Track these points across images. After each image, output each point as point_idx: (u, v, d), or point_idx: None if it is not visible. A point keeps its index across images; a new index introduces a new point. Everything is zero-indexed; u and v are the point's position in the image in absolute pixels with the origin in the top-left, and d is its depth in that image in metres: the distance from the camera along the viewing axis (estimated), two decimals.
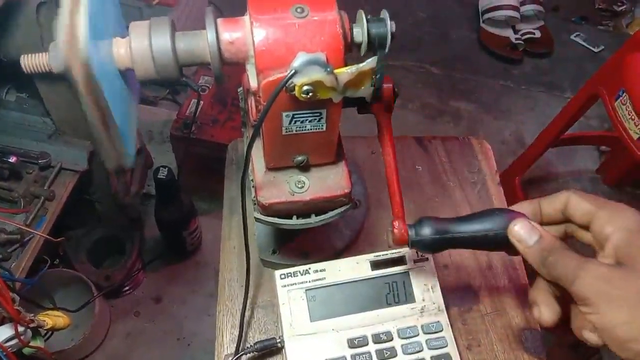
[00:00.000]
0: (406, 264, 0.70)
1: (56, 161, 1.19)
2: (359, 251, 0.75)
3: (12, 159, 1.09)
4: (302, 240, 0.74)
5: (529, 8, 2.31)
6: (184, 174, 1.52)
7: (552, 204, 0.54)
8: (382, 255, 0.70)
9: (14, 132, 1.21)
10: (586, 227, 0.51)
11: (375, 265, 0.70)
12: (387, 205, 0.76)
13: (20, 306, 0.90)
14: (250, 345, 0.67)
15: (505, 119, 2.22)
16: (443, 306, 0.69)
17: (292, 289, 0.68)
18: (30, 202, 1.15)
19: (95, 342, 1.48)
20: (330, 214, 0.62)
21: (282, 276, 0.68)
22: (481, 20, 2.38)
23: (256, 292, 0.73)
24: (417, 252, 0.71)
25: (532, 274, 0.53)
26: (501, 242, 0.56)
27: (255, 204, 0.62)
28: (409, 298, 0.69)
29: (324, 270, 0.69)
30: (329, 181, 0.61)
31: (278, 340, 0.67)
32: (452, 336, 0.68)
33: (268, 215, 0.61)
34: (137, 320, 1.57)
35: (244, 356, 0.67)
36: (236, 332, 0.68)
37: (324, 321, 0.67)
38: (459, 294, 0.74)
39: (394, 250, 0.70)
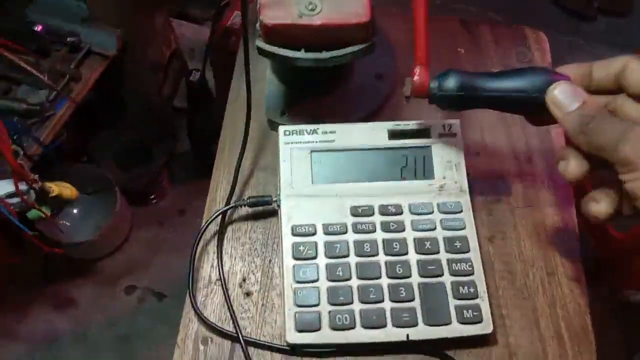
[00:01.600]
0: (430, 137, 0.61)
1: (85, 43, 1.16)
2: None
3: (38, 28, 1.05)
4: (315, 103, 0.66)
5: None
6: (221, 89, 1.46)
7: (606, 69, 0.48)
8: (404, 124, 0.62)
9: (46, 11, 1.17)
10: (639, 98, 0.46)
11: (394, 134, 0.61)
12: None
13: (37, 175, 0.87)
14: (243, 199, 0.60)
15: None
16: (466, 187, 0.60)
17: (296, 147, 0.60)
18: (56, 80, 1.11)
19: (114, 242, 1.46)
20: (344, 50, 0.53)
21: (287, 132, 0.61)
22: None
23: (259, 153, 0.66)
24: (444, 126, 0.62)
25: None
26: (534, 105, 0.48)
27: (259, 31, 0.54)
28: (427, 174, 0.61)
29: (334, 132, 0.61)
30: (344, 6, 0.52)
31: (274, 199, 0.60)
32: (473, 221, 0.59)
33: (272, 44, 0.53)
34: (159, 230, 1.55)
35: (235, 211, 0.60)
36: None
37: (327, 185, 0.60)
38: (487, 184, 0.65)
39: (417, 121, 0.62)
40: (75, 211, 1.45)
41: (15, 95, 1.08)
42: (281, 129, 0.61)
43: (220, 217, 0.60)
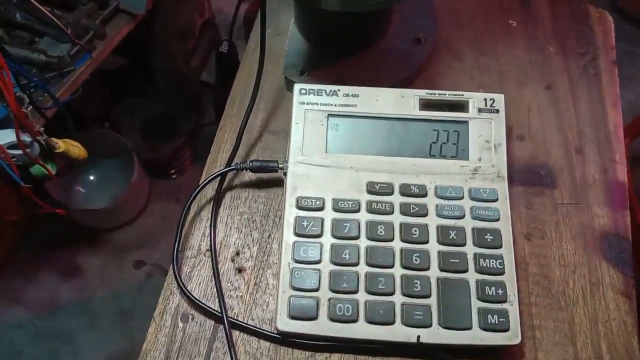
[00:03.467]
0: (468, 112, 0.53)
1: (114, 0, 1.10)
2: None
3: None
4: (340, 65, 0.59)
5: None
6: None
7: None
8: (439, 93, 0.53)
9: None
10: None
11: (426, 104, 0.53)
12: (458, 53, 0.59)
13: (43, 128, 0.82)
14: (246, 162, 0.53)
15: (622, 87, 1.91)
16: (505, 173, 0.51)
17: (312, 109, 0.53)
18: (79, 36, 1.06)
19: (128, 213, 1.42)
20: None
21: (303, 91, 0.53)
22: None
23: (271, 115, 0.58)
24: (485, 100, 0.53)
25: None
26: None
27: None
28: (460, 153, 0.52)
29: (356, 95, 0.53)
30: None
31: (280, 165, 0.52)
32: (509, 213, 0.50)
33: None
34: (176, 206, 1.50)
35: (237, 175, 0.53)
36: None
37: (343, 155, 0.52)
38: (529, 173, 0.56)
39: (455, 92, 0.53)
40: (91, 178, 1.41)
41: (37, 47, 1.04)
42: (297, 86, 0.53)
43: (218, 180, 0.53)
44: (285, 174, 0.51)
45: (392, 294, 0.46)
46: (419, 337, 0.45)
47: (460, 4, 0.66)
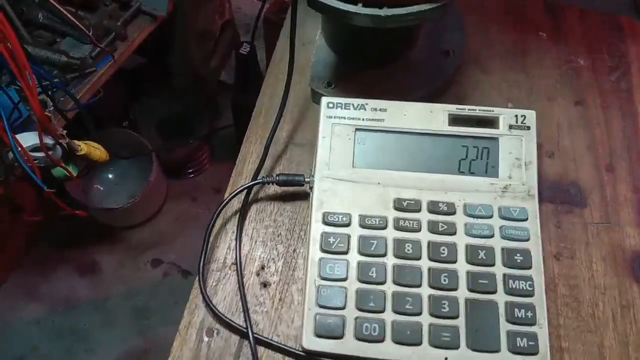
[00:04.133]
0: (498, 128, 0.52)
1: (136, 1, 1.10)
2: None
3: None
4: (367, 77, 0.58)
5: None
6: None
7: None
8: (469, 109, 0.52)
9: None
10: None
11: (456, 120, 0.52)
12: (486, 66, 0.59)
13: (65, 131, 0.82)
14: (272, 176, 0.52)
15: None
16: (535, 191, 0.50)
17: (339, 122, 0.52)
18: (101, 37, 1.07)
19: (146, 212, 1.42)
20: (410, 8, 0.44)
21: (330, 105, 0.53)
22: None
23: (296, 127, 0.58)
24: (516, 117, 0.52)
25: None
26: None
27: None
28: (490, 171, 0.51)
29: (384, 110, 0.52)
30: None
31: (307, 179, 0.52)
32: (539, 233, 0.49)
33: None
34: (192, 205, 1.50)
35: (262, 188, 0.53)
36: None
37: (370, 170, 0.51)
38: (559, 190, 0.55)
39: (486, 108, 0.52)
40: (110, 176, 1.42)
41: (58, 48, 1.04)
42: (324, 100, 0.53)
43: (244, 193, 0.53)
44: (311, 188, 0.51)
45: (419, 314, 0.46)
46: (446, 359, 0.45)
47: (489, 16, 0.65)
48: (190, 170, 1.52)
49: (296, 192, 0.54)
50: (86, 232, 1.40)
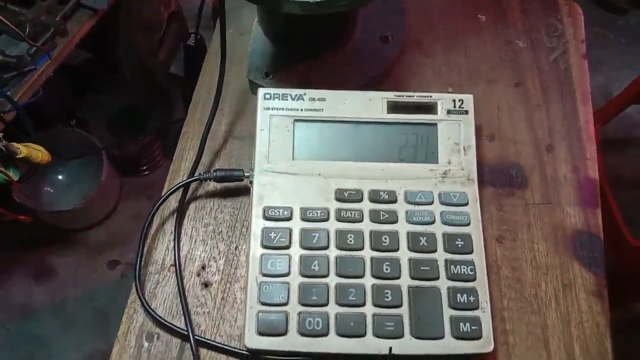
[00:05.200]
0: (437, 114, 0.52)
1: None
2: None
3: None
4: (305, 67, 0.57)
5: None
6: None
7: None
8: (407, 96, 0.52)
9: None
10: None
11: (394, 107, 0.52)
12: (427, 51, 0.58)
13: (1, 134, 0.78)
14: (210, 172, 0.51)
15: (594, 70, 1.92)
16: (475, 175, 0.50)
17: (277, 114, 0.51)
18: (39, 34, 1.02)
19: (99, 212, 1.39)
20: None
21: (267, 96, 0.51)
22: None
23: (235, 120, 0.56)
24: (454, 101, 0.52)
25: None
26: None
27: None
28: (429, 157, 0.51)
29: (323, 99, 0.52)
30: None
31: (246, 174, 0.50)
32: (479, 216, 0.49)
33: None
34: (147, 203, 1.47)
35: (201, 185, 0.51)
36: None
37: (310, 162, 0.50)
38: (500, 173, 0.55)
39: (424, 94, 0.52)
40: (60, 178, 1.37)
41: None
42: (261, 91, 0.51)
43: (181, 191, 0.51)
44: (251, 182, 0.50)
45: (362, 305, 0.45)
46: (390, 348, 0.44)
47: (426, 3, 0.64)
48: (144, 167, 1.48)
49: (237, 187, 0.52)
50: (39, 236, 1.36)
